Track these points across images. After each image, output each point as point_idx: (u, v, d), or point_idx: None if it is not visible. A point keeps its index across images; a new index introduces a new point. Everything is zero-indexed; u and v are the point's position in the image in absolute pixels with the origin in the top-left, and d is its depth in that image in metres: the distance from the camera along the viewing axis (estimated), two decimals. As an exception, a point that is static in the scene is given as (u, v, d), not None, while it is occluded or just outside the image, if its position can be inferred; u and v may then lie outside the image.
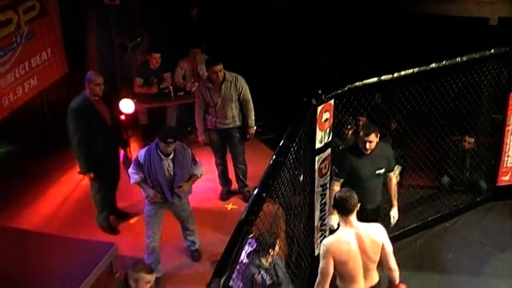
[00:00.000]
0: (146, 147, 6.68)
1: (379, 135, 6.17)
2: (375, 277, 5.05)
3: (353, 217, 4.84)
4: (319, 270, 4.97)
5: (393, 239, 7.43)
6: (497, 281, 6.95)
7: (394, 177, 6.16)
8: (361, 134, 5.95)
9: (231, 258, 3.66)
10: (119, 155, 7.82)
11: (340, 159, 6.10)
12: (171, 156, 6.56)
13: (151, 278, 4.96)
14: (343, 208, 4.82)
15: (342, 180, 6.10)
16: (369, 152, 5.97)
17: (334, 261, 4.84)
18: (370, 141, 5.90)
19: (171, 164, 6.59)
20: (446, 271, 7.07)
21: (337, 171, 6.08)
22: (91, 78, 7.11)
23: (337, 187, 6.05)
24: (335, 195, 4.96)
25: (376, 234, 4.93)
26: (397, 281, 5.16)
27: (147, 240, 6.87)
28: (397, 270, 5.09)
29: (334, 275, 4.99)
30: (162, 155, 6.52)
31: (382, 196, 6.42)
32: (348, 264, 4.87)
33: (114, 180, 7.78)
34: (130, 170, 6.71)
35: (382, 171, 6.06)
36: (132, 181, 6.76)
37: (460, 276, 6.90)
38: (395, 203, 6.37)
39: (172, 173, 6.61)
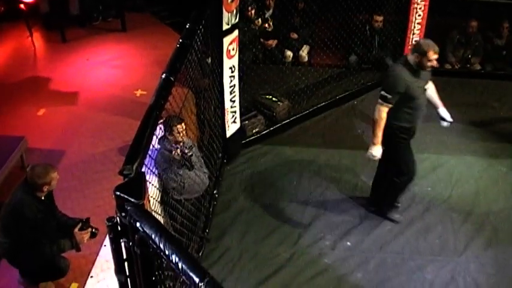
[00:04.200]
0: None
1: None
2: None
3: None
4: None
5: (303, 118, 7.67)
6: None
7: None
8: (426, 51, 5.25)
9: (142, 144, 3.62)
10: None
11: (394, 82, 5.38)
12: None
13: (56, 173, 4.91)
14: None
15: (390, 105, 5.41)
16: (428, 69, 5.47)
17: None
18: (432, 60, 5.29)
19: None
20: (356, 147, 7.21)
21: (389, 96, 5.33)
22: None
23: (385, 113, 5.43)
24: None
25: None
26: None
27: None
28: None
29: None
30: None
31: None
32: None
33: None
34: None
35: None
36: None
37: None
38: None
39: None
